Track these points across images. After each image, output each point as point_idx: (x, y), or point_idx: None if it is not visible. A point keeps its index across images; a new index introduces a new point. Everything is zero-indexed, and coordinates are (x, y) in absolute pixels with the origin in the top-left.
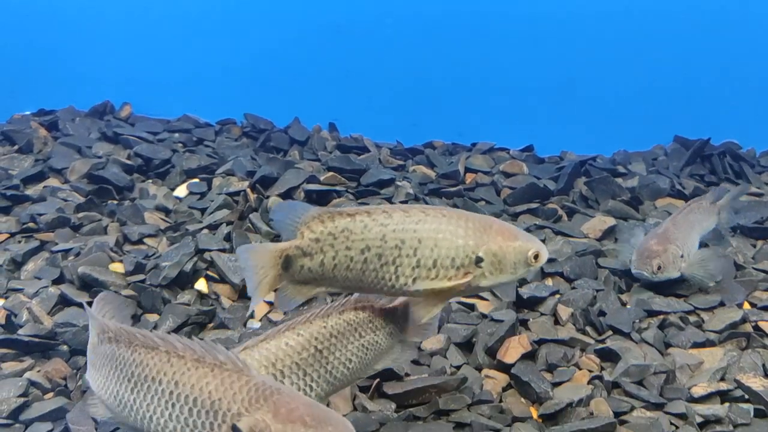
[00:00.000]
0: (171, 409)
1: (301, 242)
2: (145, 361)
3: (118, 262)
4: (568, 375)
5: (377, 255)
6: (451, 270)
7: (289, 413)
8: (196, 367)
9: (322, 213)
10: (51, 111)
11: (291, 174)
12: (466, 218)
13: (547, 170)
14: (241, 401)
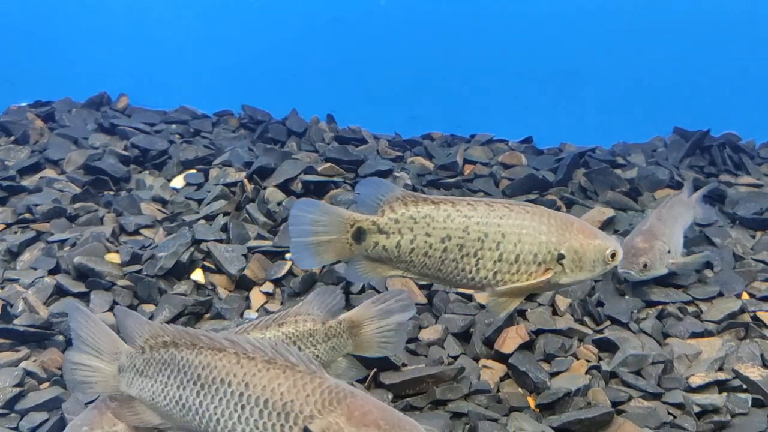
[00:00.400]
0: (240, 411)
1: (379, 219)
2: (213, 363)
3: (114, 252)
4: (565, 365)
5: (458, 246)
6: (533, 266)
7: (363, 417)
8: (267, 369)
9: (407, 195)
10: (47, 102)
11: (288, 165)
12: (548, 215)
13: (546, 161)
14: (314, 403)
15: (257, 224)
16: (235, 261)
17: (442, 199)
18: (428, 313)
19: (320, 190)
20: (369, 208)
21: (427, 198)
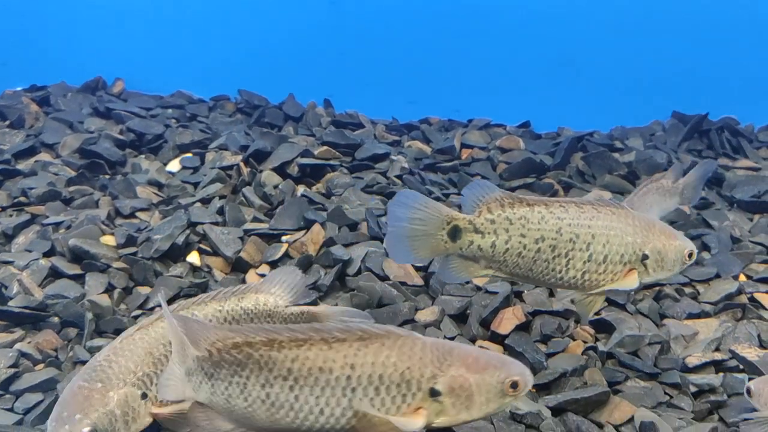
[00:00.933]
0: (351, 395)
1: (475, 219)
2: (302, 354)
3: (110, 234)
4: (562, 345)
5: (551, 246)
6: (619, 266)
7: (477, 362)
8: (366, 345)
9: (504, 197)
10: (42, 87)
11: (284, 148)
12: (633, 216)
13: (543, 146)
14: (430, 363)
15: (253, 207)
16: (231, 243)
17: (536, 201)
18: (425, 295)
19: (317, 173)
20: (470, 208)
21: (523, 200)
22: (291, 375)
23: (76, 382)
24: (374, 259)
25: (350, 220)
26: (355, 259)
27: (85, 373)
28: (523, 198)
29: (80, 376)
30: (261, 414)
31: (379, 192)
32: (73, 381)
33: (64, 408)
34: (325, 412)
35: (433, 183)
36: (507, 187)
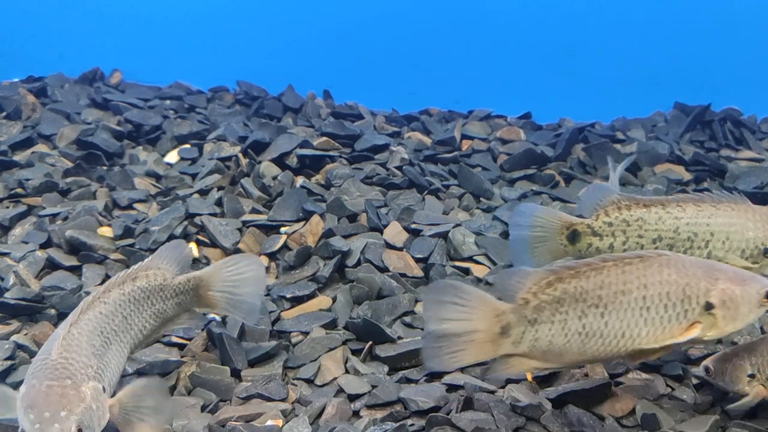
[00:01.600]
0: (646, 314)
1: (593, 222)
2: (606, 280)
3: (107, 226)
4: None
5: (668, 246)
6: (740, 261)
7: (737, 275)
8: (650, 266)
9: (621, 200)
10: (40, 78)
11: (283, 139)
12: (752, 211)
13: (544, 137)
14: (703, 278)
15: (252, 198)
16: (230, 235)
17: (653, 202)
18: (424, 286)
19: (316, 164)
20: (588, 212)
21: (639, 201)
22: (601, 302)
23: (41, 382)
24: (374, 251)
25: (350, 212)
26: (355, 250)
27: (45, 372)
28: (640, 199)
29: (39, 376)
30: (574, 347)
31: (378, 183)
32: (33, 383)
33: (44, 408)
34: (626, 334)
35: (433, 174)
36: (507, 178)
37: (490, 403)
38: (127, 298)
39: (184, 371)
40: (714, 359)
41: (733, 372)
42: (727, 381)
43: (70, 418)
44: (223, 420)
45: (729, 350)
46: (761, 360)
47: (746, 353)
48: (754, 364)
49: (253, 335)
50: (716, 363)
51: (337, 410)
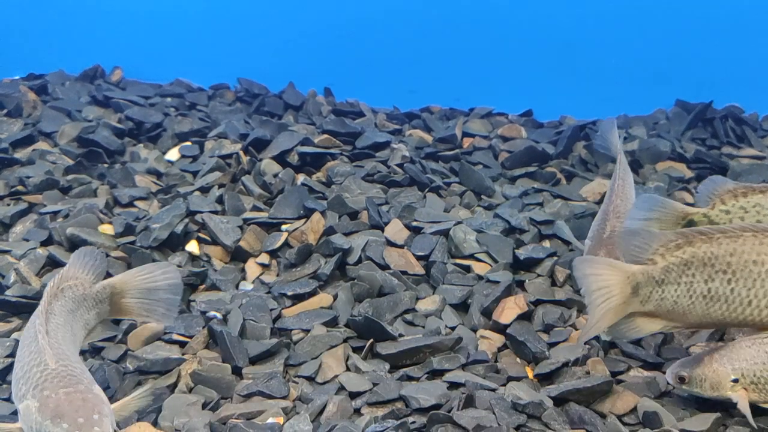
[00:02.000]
0: None
1: (710, 211)
2: (739, 248)
3: (108, 223)
4: (564, 335)
5: None
6: None
7: None
8: None
9: (737, 188)
10: (40, 75)
11: (284, 137)
12: None
13: (545, 134)
14: None
15: (253, 196)
16: (231, 232)
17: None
18: (425, 284)
19: (317, 162)
20: (704, 203)
21: (756, 188)
22: (729, 269)
23: (57, 391)
24: (375, 248)
25: (351, 209)
26: (356, 248)
27: (54, 382)
28: (756, 186)
29: (50, 386)
30: (698, 309)
31: (379, 181)
32: (46, 394)
33: (75, 415)
34: (753, 303)
35: (434, 172)
36: (509, 176)
37: (492, 400)
38: (66, 308)
39: (185, 369)
40: (687, 367)
41: (714, 378)
42: (706, 387)
43: (104, 420)
44: (224, 418)
45: (700, 357)
46: (744, 364)
47: (726, 358)
48: (737, 368)
49: (254, 333)
50: (692, 371)
51: (338, 408)
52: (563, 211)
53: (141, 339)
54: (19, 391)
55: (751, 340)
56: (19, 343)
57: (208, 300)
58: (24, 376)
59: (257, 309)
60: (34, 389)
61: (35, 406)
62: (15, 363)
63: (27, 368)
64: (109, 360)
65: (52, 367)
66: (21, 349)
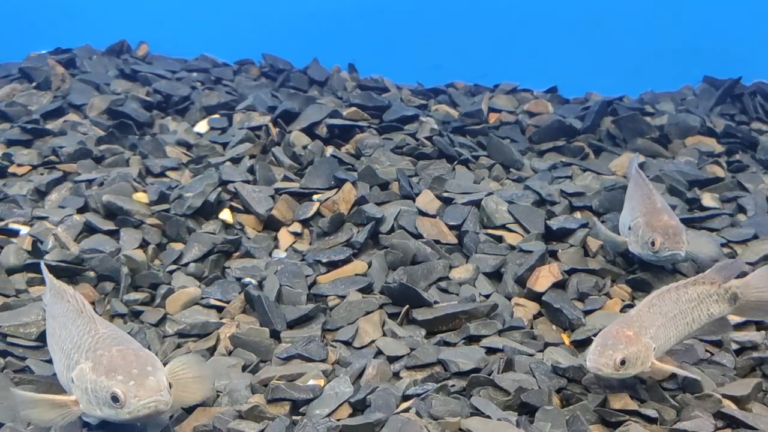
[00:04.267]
0: None
1: None
2: None
3: (142, 192)
4: (599, 303)
5: None
6: None
7: None
8: None
9: None
10: (68, 49)
11: (313, 109)
12: None
13: (572, 110)
14: None
15: (283, 167)
16: (263, 201)
17: None
18: (458, 253)
19: (345, 134)
20: None
21: None
22: None
23: (109, 350)
24: (407, 218)
25: (381, 180)
26: (388, 217)
27: (105, 343)
28: None
29: (102, 347)
30: None
31: (408, 153)
32: (99, 353)
33: (128, 368)
34: None
35: (461, 145)
36: (536, 150)
37: (531, 365)
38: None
39: (224, 332)
40: (616, 349)
41: (644, 353)
42: (638, 365)
43: (158, 372)
44: (265, 379)
45: (617, 335)
46: (653, 330)
47: (643, 329)
48: (652, 336)
49: (290, 298)
50: (626, 350)
51: (377, 371)
52: (593, 184)
53: (179, 303)
54: (71, 360)
55: (648, 303)
56: (50, 326)
57: (243, 267)
58: (75, 346)
59: (293, 275)
60: (87, 352)
61: (89, 366)
62: (55, 342)
63: (77, 338)
64: (148, 323)
65: (102, 331)
66: (62, 329)
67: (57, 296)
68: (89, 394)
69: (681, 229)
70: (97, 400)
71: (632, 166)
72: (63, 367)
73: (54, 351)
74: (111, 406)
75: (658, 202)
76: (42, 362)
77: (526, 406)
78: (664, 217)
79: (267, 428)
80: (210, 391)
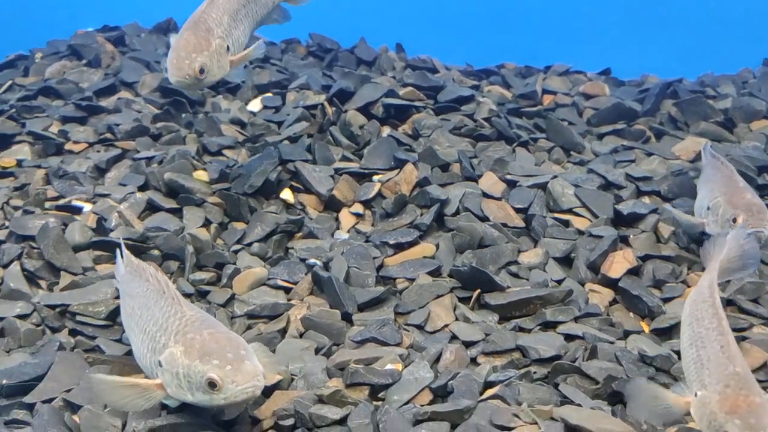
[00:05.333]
0: None
1: None
2: None
3: (202, 170)
4: (678, 291)
5: None
6: None
7: None
8: None
9: None
10: (115, 27)
11: (368, 88)
12: None
13: (629, 92)
14: None
15: (341, 146)
16: (324, 181)
17: None
18: (526, 237)
19: (401, 114)
20: None
21: None
22: None
23: (199, 333)
24: (472, 200)
25: (442, 161)
26: (453, 199)
27: (195, 325)
28: None
29: (194, 330)
30: None
31: (467, 134)
32: (190, 337)
33: (223, 351)
34: None
35: (519, 127)
36: (595, 132)
37: (617, 353)
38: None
39: (294, 314)
40: None
41: None
42: None
43: (251, 355)
44: (340, 363)
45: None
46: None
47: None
48: None
49: (358, 280)
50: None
51: (455, 356)
52: (660, 168)
53: (246, 284)
54: (157, 343)
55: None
56: (128, 305)
57: (307, 248)
58: (161, 328)
59: (360, 257)
60: (176, 336)
61: (180, 350)
62: (135, 323)
63: (162, 320)
64: (216, 304)
65: (189, 314)
66: (143, 309)
67: (135, 275)
68: (180, 379)
69: (764, 208)
70: (190, 385)
71: (706, 154)
72: (147, 349)
73: (134, 332)
74: (206, 392)
75: (740, 181)
76: (112, 341)
77: (616, 395)
78: (747, 195)
79: (351, 414)
80: (273, 379)
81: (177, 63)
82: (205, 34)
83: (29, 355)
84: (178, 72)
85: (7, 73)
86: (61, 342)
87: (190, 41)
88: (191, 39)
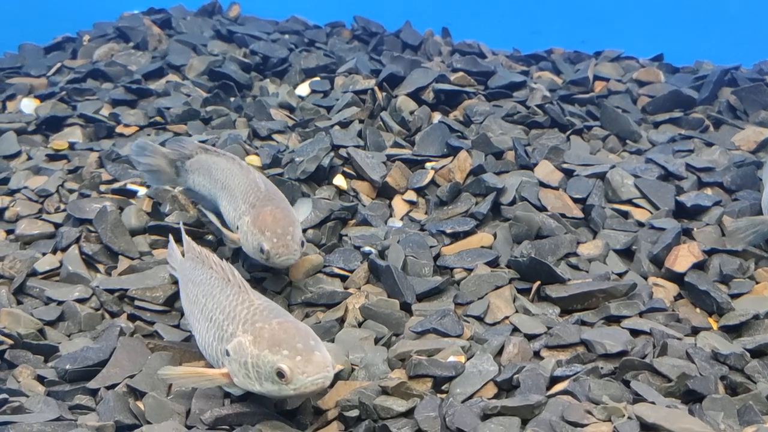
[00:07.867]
0: None
1: None
2: None
3: (254, 154)
4: (747, 287)
5: None
6: None
7: None
8: None
9: None
10: (161, 9)
11: (418, 73)
12: None
13: (683, 80)
14: None
15: (392, 132)
16: (377, 167)
17: None
18: (585, 228)
19: (452, 100)
20: None
21: None
22: None
23: (268, 322)
24: (529, 189)
25: (496, 149)
26: (509, 188)
27: (264, 314)
28: None
29: (263, 319)
30: None
31: (520, 121)
32: (258, 327)
33: (292, 341)
34: None
35: (572, 115)
36: (650, 121)
37: (688, 350)
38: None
39: (352, 303)
40: None
41: None
42: None
43: (321, 346)
44: (402, 354)
45: None
46: None
47: None
48: None
49: (415, 269)
50: None
51: (518, 349)
52: (722, 159)
53: (302, 271)
54: (224, 332)
55: None
56: (190, 292)
57: (362, 235)
58: (227, 316)
59: (417, 246)
60: (244, 324)
61: (249, 340)
62: (198, 310)
63: (228, 308)
64: (272, 291)
65: (257, 302)
66: (208, 297)
67: (197, 261)
68: (249, 369)
69: None
70: (259, 375)
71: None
72: (213, 338)
73: (197, 319)
74: (275, 382)
75: None
76: (170, 327)
77: (691, 394)
78: None
79: (417, 406)
80: (335, 368)
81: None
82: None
83: (90, 340)
84: (286, 250)
85: (55, 55)
86: (122, 327)
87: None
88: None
